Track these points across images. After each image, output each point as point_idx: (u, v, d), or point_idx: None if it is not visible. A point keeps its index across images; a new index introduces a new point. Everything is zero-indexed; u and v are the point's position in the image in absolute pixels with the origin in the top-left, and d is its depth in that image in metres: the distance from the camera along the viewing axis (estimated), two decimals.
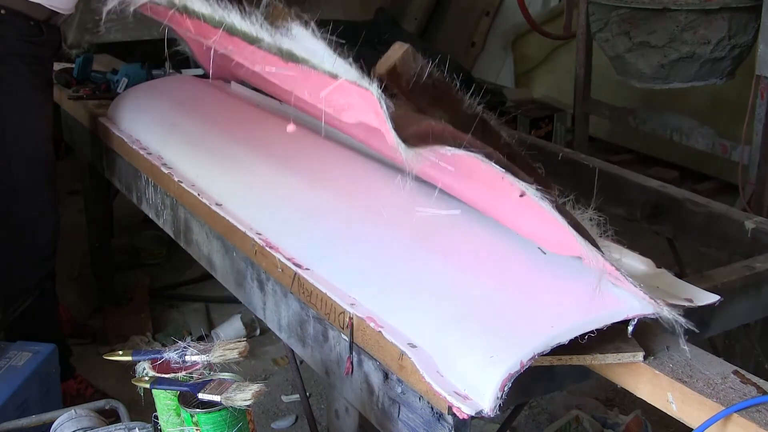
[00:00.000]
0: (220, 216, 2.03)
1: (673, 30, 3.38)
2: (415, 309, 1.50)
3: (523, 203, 1.36)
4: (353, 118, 1.47)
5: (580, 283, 1.47)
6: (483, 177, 1.41)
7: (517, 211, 1.49)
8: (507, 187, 1.35)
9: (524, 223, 1.54)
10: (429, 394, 1.37)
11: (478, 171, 1.38)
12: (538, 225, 1.46)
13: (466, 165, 1.38)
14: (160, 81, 2.90)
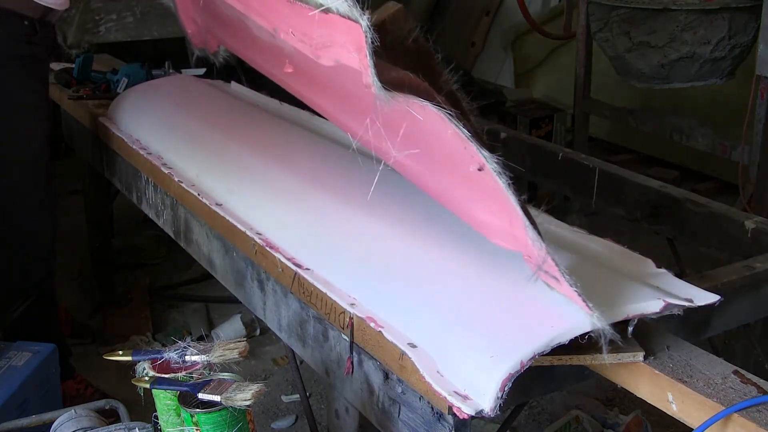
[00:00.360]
0: (220, 216, 2.03)
1: (673, 30, 3.38)
2: (415, 309, 1.50)
3: (478, 179, 1.34)
4: (332, 60, 1.44)
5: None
6: (444, 145, 1.38)
7: (470, 189, 1.46)
8: (466, 159, 1.32)
9: (473, 205, 1.51)
10: (429, 394, 1.37)
11: (441, 136, 1.35)
12: (488, 206, 1.44)
13: (430, 127, 1.35)
14: (160, 81, 2.90)
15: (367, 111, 1.40)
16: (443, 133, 1.33)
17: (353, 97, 1.52)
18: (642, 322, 1.44)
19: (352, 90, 1.48)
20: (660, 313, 1.42)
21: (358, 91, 1.41)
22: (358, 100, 1.46)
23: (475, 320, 1.42)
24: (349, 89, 1.53)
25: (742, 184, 3.28)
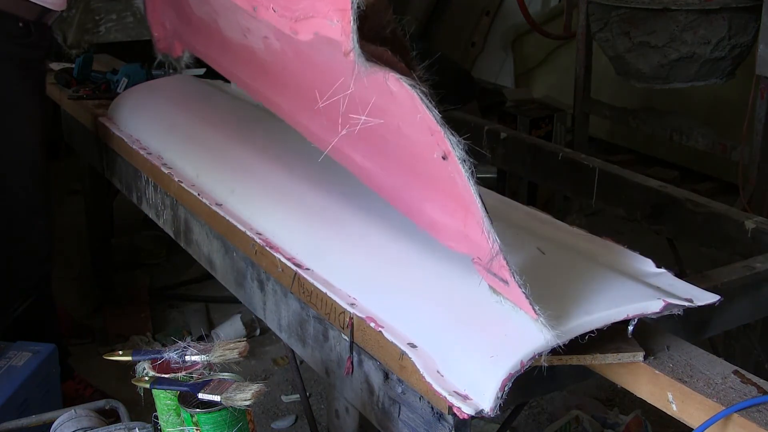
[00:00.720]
0: (220, 216, 2.03)
1: (673, 30, 3.38)
2: (416, 309, 1.50)
3: (438, 169, 1.32)
4: (310, 32, 1.42)
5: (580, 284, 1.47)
6: (409, 129, 1.36)
7: (426, 183, 1.44)
8: (431, 146, 1.30)
9: (427, 204, 1.49)
10: (429, 394, 1.37)
11: (408, 119, 1.32)
12: (442, 202, 1.42)
13: (399, 108, 1.32)
14: (160, 81, 2.90)
15: (335, 96, 1.37)
16: (412, 116, 1.30)
17: (322, 81, 1.49)
18: (642, 322, 1.44)
19: (323, 71, 1.46)
20: (660, 313, 1.42)
21: (331, 69, 1.38)
22: (326, 84, 1.43)
23: (475, 320, 1.42)
24: (318, 73, 1.51)
25: (742, 184, 3.28)
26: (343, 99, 1.39)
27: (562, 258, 1.60)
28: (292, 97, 1.89)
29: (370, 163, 1.64)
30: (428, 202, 1.49)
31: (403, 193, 1.57)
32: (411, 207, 1.56)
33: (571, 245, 1.70)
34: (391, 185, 1.61)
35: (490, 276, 1.37)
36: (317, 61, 1.55)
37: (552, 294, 1.42)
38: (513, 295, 1.33)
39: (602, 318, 1.37)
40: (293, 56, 1.69)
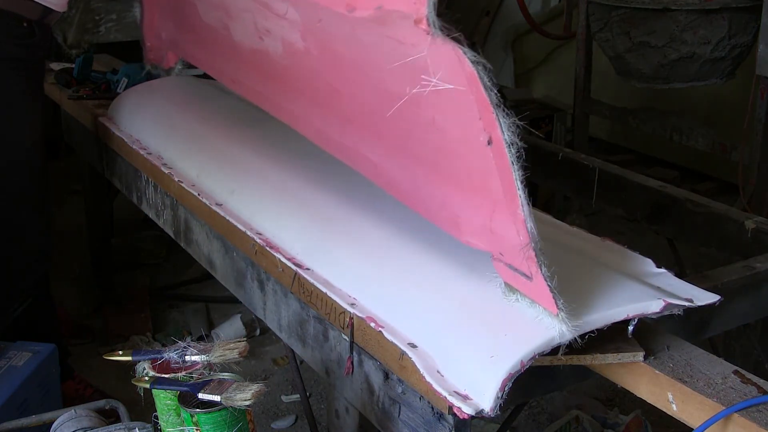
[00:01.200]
0: (220, 216, 2.03)
1: (673, 30, 3.38)
2: (416, 309, 1.50)
3: (477, 156, 1.31)
4: (371, 7, 1.36)
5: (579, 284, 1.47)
6: (455, 112, 1.33)
7: (456, 175, 1.43)
8: (476, 131, 1.28)
9: (451, 197, 1.47)
10: (429, 394, 1.37)
11: (460, 99, 1.29)
12: (471, 194, 1.41)
13: (453, 89, 1.29)
14: (160, 81, 2.90)
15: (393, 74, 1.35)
16: (465, 96, 1.26)
17: (372, 63, 1.48)
18: (642, 322, 1.44)
19: (376, 52, 1.44)
20: (660, 313, 1.42)
21: (387, 48, 1.36)
22: (378, 64, 1.41)
23: (475, 320, 1.42)
24: (367, 55, 1.49)
25: (742, 184, 3.28)
26: (408, 71, 1.35)
27: (562, 258, 1.60)
28: (307, 99, 1.88)
29: (387, 163, 1.64)
30: (450, 197, 1.48)
31: (422, 190, 1.57)
32: (428, 205, 1.56)
33: (571, 245, 1.70)
34: (409, 184, 1.60)
35: (511, 272, 1.36)
36: (368, 41, 1.52)
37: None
38: (535, 289, 1.33)
39: (602, 318, 1.37)
40: (333, 44, 1.66)
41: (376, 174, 1.69)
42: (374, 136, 1.66)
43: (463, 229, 1.47)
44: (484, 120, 1.25)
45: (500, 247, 1.37)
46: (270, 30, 1.90)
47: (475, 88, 1.23)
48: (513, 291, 1.40)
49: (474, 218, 1.43)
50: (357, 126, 1.71)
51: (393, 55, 1.38)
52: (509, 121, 1.22)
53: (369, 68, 1.56)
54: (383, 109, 1.55)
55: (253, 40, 2.02)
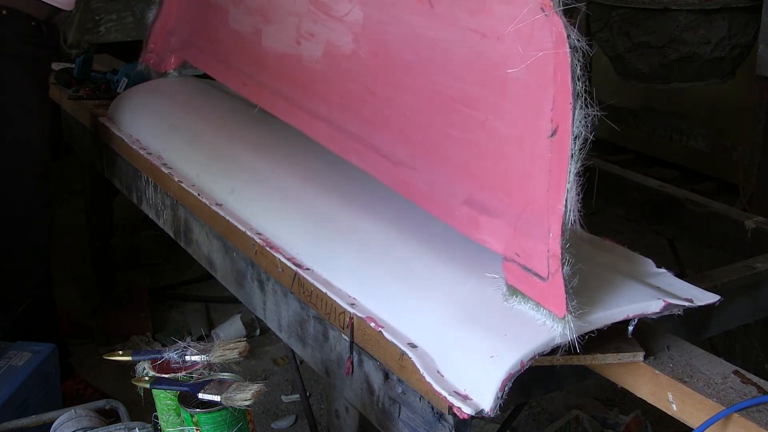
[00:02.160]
0: (220, 216, 2.03)
1: (673, 30, 3.38)
2: (416, 309, 1.50)
3: (532, 151, 1.30)
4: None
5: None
6: (530, 98, 1.33)
7: (503, 169, 1.44)
8: (544, 120, 1.27)
9: (477, 195, 1.48)
10: (429, 394, 1.37)
11: (543, 83, 1.28)
12: (500, 194, 1.42)
13: (540, 72, 1.28)
14: (160, 81, 2.89)
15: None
16: (549, 80, 1.25)
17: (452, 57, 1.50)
18: (642, 322, 1.44)
19: (445, 50, 1.48)
20: (660, 313, 1.42)
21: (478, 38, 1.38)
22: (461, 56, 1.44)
23: (475, 320, 1.42)
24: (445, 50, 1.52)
25: (742, 184, 3.28)
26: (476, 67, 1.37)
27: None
28: (333, 103, 1.91)
29: (410, 165, 1.65)
30: (477, 196, 1.49)
31: (444, 190, 1.57)
32: (448, 203, 1.57)
33: (570, 245, 1.69)
34: (430, 185, 1.61)
35: (522, 273, 1.36)
36: (439, 38, 1.55)
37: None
38: (546, 291, 1.33)
39: (602, 318, 1.37)
40: (389, 46, 1.69)
41: (393, 175, 1.70)
42: (403, 138, 1.68)
43: (481, 228, 1.47)
44: (556, 111, 1.25)
45: (519, 246, 1.38)
46: (315, 33, 1.95)
47: (563, 74, 1.22)
48: (515, 293, 1.40)
49: (498, 216, 1.43)
50: (386, 130, 1.74)
51: (468, 47, 1.41)
52: (584, 112, 1.22)
53: (425, 68, 1.59)
54: (426, 111, 1.59)
55: (288, 44, 2.05)
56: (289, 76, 2.09)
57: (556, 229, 1.28)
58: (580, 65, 1.20)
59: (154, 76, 2.83)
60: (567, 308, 1.29)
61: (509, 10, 1.31)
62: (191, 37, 2.66)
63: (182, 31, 2.70)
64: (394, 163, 1.68)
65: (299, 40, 2.01)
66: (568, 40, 1.19)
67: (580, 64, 1.20)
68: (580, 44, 1.19)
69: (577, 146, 1.23)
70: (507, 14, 1.32)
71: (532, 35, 1.26)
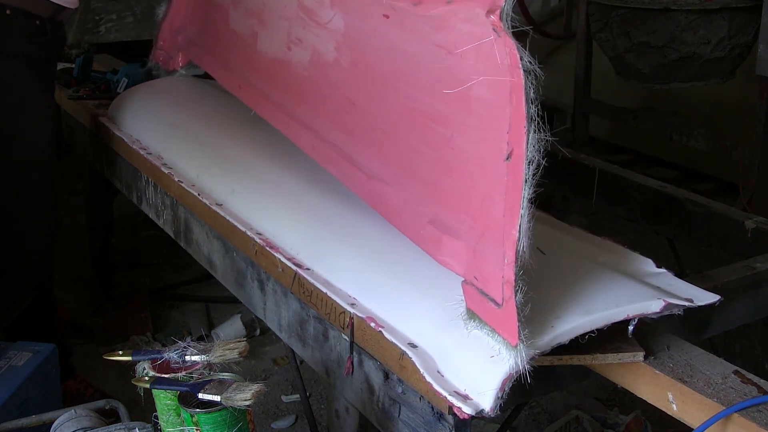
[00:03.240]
0: (220, 216, 2.03)
1: (673, 30, 3.38)
2: (416, 309, 1.50)
3: (490, 172, 1.30)
4: (442, 1, 1.41)
5: (579, 284, 1.47)
6: (478, 124, 1.34)
7: (465, 189, 1.42)
8: (496, 144, 1.26)
9: (441, 216, 1.47)
10: (429, 394, 1.37)
11: (496, 104, 1.28)
12: (462, 216, 1.41)
13: (497, 92, 1.28)
14: (160, 81, 2.90)
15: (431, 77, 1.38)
16: (506, 101, 1.25)
17: (421, 64, 1.51)
18: (642, 322, 1.44)
19: (416, 62, 1.49)
20: (660, 313, 1.42)
21: (447, 46, 1.39)
22: (428, 64, 1.45)
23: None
24: (414, 56, 1.53)
25: (742, 184, 3.28)
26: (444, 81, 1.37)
27: (563, 258, 1.60)
28: (317, 110, 1.91)
29: (383, 179, 1.65)
30: (441, 216, 1.48)
31: (411, 208, 1.57)
32: (413, 222, 1.56)
33: (571, 245, 1.70)
34: (399, 200, 1.61)
35: (479, 297, 1.35)
36: (411, 50, 1.55)
37: (552, 294, 1.42)
38: (501, 317, 1.30)
39: (602, 318, 1.37)
40: (367, 55, 1.70)
41: (368, 189, 1.70)
42: (379, 152, 1.67)
43: (443, 248, 1.46)
44: (512, 133, 1.24)
45: (477, 270, 1.36)
46: (303, 39, 1.94)
47: (517, 96, 1.22)
48: (473, 317, 1.38)
49: (460, 238, 1.42)
50: (363, 142, 1.74)
51: (436, 63, 1.42)
52: (537, 137, 1.20)
53: (400, 81, 1.59)
54: (400, 125, 1.59)
55: (280, 49, 2.06)
56: (280, 82, 2.10)
57: (511, 255, 1.25)
58: (534, 89, 1.19)
59: (163, 74, 2.82)
60: (519, 337, 1.27)
61: (468, 27, 1.32)
62: (195, 37, 2.66)
63: (188, 30, 2.71)
64: (369, 176, 1.68)
65: (290, 45, 2.01)
66: (521, 62, 1.19)
67: (533, 87, 1.19)
68: (533, 67, 1.19)
69: (530, 171, 1.20)
70: (467, 31, 1.33)
71: (489, 55, 1.26)
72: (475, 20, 1.29)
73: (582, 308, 1.39)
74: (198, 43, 2.64)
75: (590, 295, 1.43)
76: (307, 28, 1.91)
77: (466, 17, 1.33)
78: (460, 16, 1.35)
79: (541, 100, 1.19)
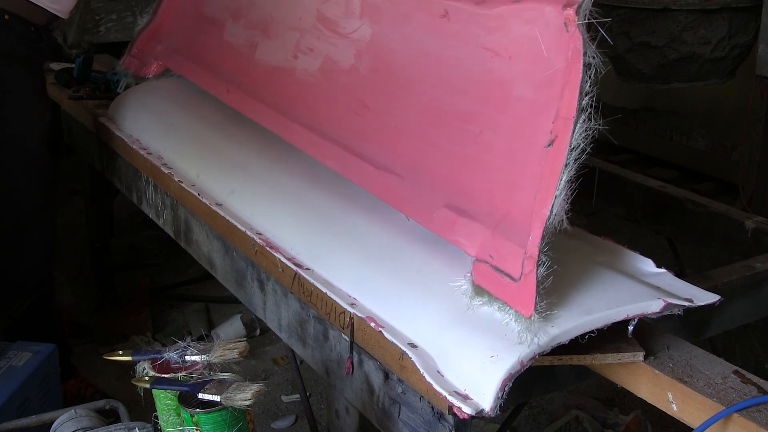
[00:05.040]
0: (220, 216, 2.03)
1: (673, 30, 3.38)
2: (416, 309, 1.50)
3: (525, 160, 1.32)
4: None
5: (578, 284, 1.47)
6: (537, 103, 1.36)
7: (492, 176, 1.46)
8: (540, 132, 1.32)
9: (469, 195, 1.51)
10: (429, 394, 1.37)
11: (547, 92, 1.32)
12: (485, 196, 1.45)
13: (558, 85, 1.33)
14: (160, 81, 2.89)
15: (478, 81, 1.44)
16: (554, 97, 1.30)
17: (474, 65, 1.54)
18: (642, 322, 1.44)
19: (456, 64, 1.54)
20: (660, 313, 1.42)
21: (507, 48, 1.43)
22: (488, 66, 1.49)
23: (475, 320, 1.42)
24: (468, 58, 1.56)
25: (742, 184, 3.28)
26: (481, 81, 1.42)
27: (562, 258, 1.60)
28: (321, 113, 1.95)
29: (389, 171, 1.67)
30: (456, 202, 1.51)
31: (421, 195, 1.59)
32: (422, 208, 1.59)
33: (570, 245, 1.69)
34: (408, 189, 1.63)
35: (493, 274, 1.37)
36: (449, 55, 1.60)
37: (552, 294, 1.42)
38: (516, 292, 1.33)
39: (602, 318, 1.37)
40: (392, 62, 1.77)
41: (373, 178, 1.72)
42: (390, 148, 1.71)
43: (458, 229, 1.48)
44: (558, 123, 1.29)
45: (494, 249, 1.38)
46: (314, 48, 2.02)
47: (571, 90, 1.27)
48: (482, 293, 1.40)
49: (477, 220, 1.44)
50: (372, 138, 1.77)
51: (476, 65, 1.48)
52: (586, 126, 1.26)
53: (426, 84, 1.65)
54: (418, 123, 1.65)
55: (284, 58, 2.12)
56: (278, 86, 2.15)
57: (537, 233, 1.29)
58: (591, 81, 1.22)
59: (131, 81, 2.85)
60: (535, 308, 1.30)
61: (527, 29, 1.35)
62: (179, 47, 2.70)
63: (172, 41, 2.76)
64: (377, 168, 1.70)
65: (296, 54, 2.07)
66: (584, 57, 1.22)
67: (591, 80, 1.22)
68: (595, 61, 1.21)
69: (573, 156, 1.25)
70: (524, 33, 1.36)
71: (546, 54, 1.31)
72: (538, 20, 1.34)
73: (582, 308, 1.39)
74: (182, 53, 2.68)
75: (590, 295, 1.43)
76: (322, 38, 1.98)
77: (530, 17, 1.38)
78: (524, 16, 1.40)
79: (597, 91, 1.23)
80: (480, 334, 1.39)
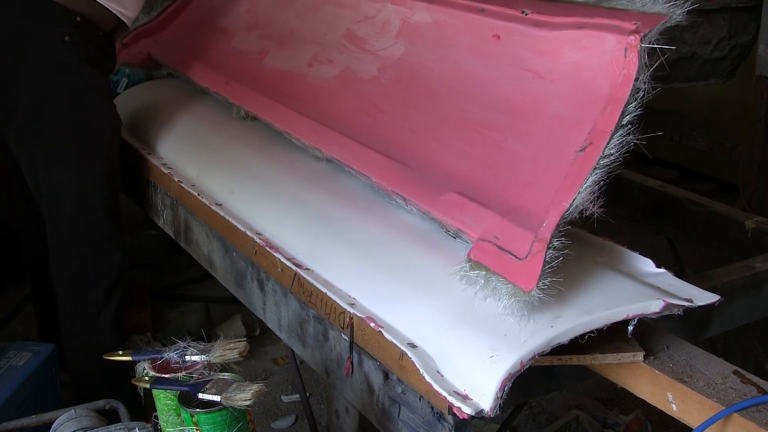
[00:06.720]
0: (220, 216, 2.03)
1: (673, 30, 3.38)
2: (416, 309, 1.50)
3: (549, 167, 1.35)
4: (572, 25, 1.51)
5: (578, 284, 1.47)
6: (565, 116, 1.40)
7: (519, 171, 1.49)
8: (573, 137, 1.35)
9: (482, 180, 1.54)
10: (429, 394, 1.37)
11: (593, 101, 1.37)
12: (506, 182, 1.47)
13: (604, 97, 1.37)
14: (160, 81, 2.90)
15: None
16: (590, 118, 1.35)
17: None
18: (642, 322, 1.44)
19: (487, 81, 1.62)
20: (660, 313, 1.42)
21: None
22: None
23: (475, 320, 1.42)
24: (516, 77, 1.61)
25: (742, 184, 3.28)
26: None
27: (562, 258, 1.60)
28: (334, 115, 1.99)
29: (398, 161, 1.71)
30: (467, 190, 1.54)
31: (430, 184, 1.61)
32: (429, 192, 1.61)
33: (570, 245, 1.69)
34: (416, 178, 1.65)
35: (495, 251, 1.39)
36: (512, 65, 1.64)
37: (552, 294, 1.42)
38: (518, 268, 1.35)
39: (602, 318, 1.37)
40: (418, 75, 1.85)
41: (378, 163, 1.75)
42: (403, 143, 1.74)
43: (466, 211, 1.50)
44: (593, 134, 1.34)
45: (501, 231, 1.41)
46: (333, 60, 2.09)
47: (613, 109, 1.33)
48: (477, 268, 1.40)
49: (487, 207, 1.47)
50: (382, 133, 1.81)
51: (512, 84, 1.57)
52: (623, 140, 1.33)
53: (453, 96, 1.71)
54: (437, 127, 1.70)
55: (297, 65, 2.19)
56: (284, 85, 2.19)
57: (553, 221, 1.33)
58: (636, 104, 1.30)
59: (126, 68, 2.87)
60: (537, 284, 1.31)
61: (579, 56, 1.39)
62: (179, 46, 2.72)
63: (170, 41, 2.79)
64: (386, 156, 1.72)
65: (311, 63, 2.14)
66: (635, 82, 1.30)
67: (637, 102, 1.29)
68: (645, 86, 1.29)
69: (603, 162, 1.32)
70: (574, 60, 1.39)
71: (593, 80, 1.36)
72: (594, 48, 1.40)
73: (582, 308, 1.39)
74: (180, 51, 2.72)
75: (590, 295, 1.43)
76: (345, 52, 2.06)
77: (586, 45, 1.43)
78: (581, 43, 1.45)
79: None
80: (480, 334, 1.39)
